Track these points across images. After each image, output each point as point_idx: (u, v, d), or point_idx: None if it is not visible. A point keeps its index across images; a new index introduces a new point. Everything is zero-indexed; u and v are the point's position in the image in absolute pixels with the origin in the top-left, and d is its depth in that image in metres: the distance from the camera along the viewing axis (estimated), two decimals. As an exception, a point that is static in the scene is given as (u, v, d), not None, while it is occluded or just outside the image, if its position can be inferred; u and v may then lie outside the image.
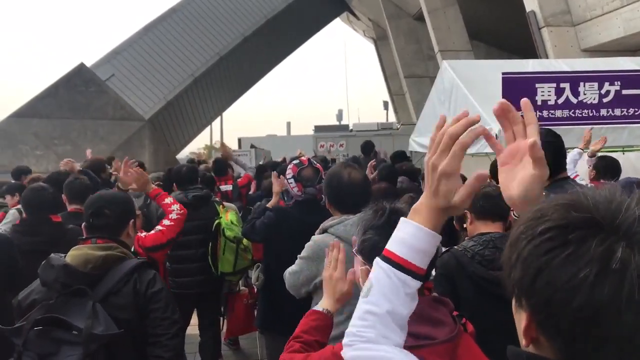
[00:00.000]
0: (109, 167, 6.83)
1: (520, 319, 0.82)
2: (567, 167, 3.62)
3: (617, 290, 0.69)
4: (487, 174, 1.06)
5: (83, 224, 2.40)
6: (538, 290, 0.75)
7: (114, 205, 2.36)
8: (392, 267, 1.08)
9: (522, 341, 0.81)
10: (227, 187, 6.99)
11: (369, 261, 1.54)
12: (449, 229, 2.91)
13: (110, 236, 2.31)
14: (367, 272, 1.56)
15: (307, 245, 2.77)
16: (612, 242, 0.71)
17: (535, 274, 0.75)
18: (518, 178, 1.07)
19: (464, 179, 1.11)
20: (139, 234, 3.09)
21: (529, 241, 0.78)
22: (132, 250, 2.90)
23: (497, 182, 3.42)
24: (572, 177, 3.70)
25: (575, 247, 0.72)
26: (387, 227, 1.54)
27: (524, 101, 1.09)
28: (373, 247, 1.52)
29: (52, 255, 2.21)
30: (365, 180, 2.93)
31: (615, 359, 0.71)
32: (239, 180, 7.28)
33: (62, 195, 4.47)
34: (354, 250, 1.64)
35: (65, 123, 16.42)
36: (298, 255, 2.78)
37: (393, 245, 1.10)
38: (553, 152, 2.75)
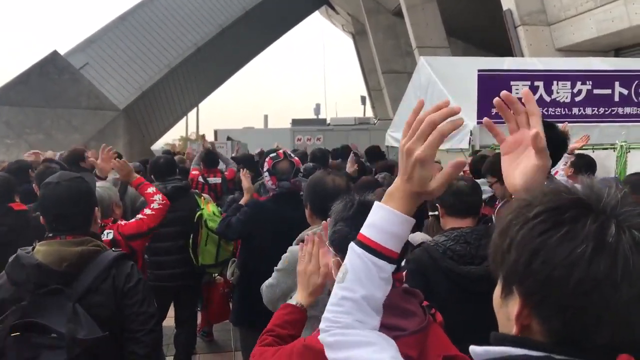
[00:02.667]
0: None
1: (509, 309, 0.83)
2: None
3: (612, 264, 0.72)
4: (464, 161, 1.08)
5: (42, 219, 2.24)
6: (535, 270, 0.76)
7: (75, 205, 2.17)
8: (366, 251, 1.08)
9: (512, 329, 0.81)
10: (216, 180, 6.92)
11: (340, 252, 1.56)
12: (419, 213, 2.91)
13: (80, 231, 2.18)
14: (339, 264, 1.58)
15: (283, 256, 2.62)
16: (604, 219, 0.74)
17: (531, 255, 0.76)
18: (521, 167, 1.09)
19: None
20: (119, 222, 3.04)
21: (521, 226, 0.79)
22: (112, 238, 2.87)
23: (477, 177, 3.49)
24: (552, 173, 3.78)
25: (570, 227, 0.75)
26: (356, 219, 1.57)
27: (525, 91, 1.10)
28: (343, 238, 1.54)
29: (20, 252, 2.09)
30: (349, 187, 2.83)
31: (610, 331, 0.73)
32: (226, 173, 7.22)
33: (34, 185, 4.40)
34: (326, 242, 1.66)
35: (37, 112, 16.09)
36: (275, 268, 2.66)
37: (367, 229, 1.10)
38: (554, 147, 2.87)
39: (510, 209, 0.84)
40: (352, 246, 1.11)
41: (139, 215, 3.09)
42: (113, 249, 2.36)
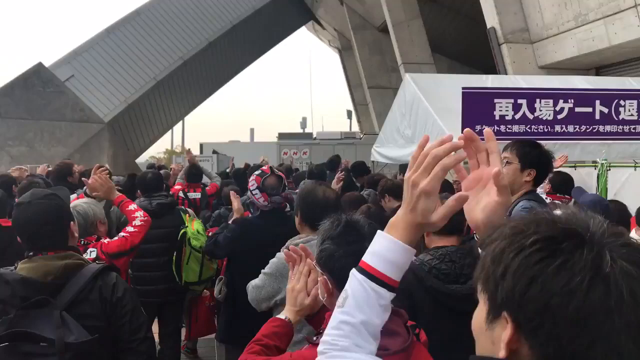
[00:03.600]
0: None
1: (494, 334, 0.85)
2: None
3: (607, 293, 0.75)
4: (467, 196, 1.10)
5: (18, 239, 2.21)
6: (532, 298, 0.78)
7: (47, 224, 2.14)
8: (368, 278, 1.11)
9: (497, 353, 0.83)
10: (195, 195, 6.90)
11: (326, 270, 1.58)
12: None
13: (59, 248, 2.17)
14: (325, 282, 1.59)
15: (271, 261, 2.76)
16: (599, 250, 0.78)
17: (528, 283, 0.78)
18: (482, 203, 1.13)
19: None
20: (102, 240, 3.02)
21: (517, 253, 0.81)
22: (95, 256, 2.86)
23: None
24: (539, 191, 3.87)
25: (567, 256, 0.78)
26: (342, 237, 1.60)
27: (487, 131, 1.14)
28: (329, 256, 1.58)
29: (2, 270, 2.08)
30: (338, 199, 2.95)
31: (603, 357, 0.76)
32: (207, 188, 7.20)
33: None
34: (314, 262, 1.68)
35: (20, 124, 15.94)
36: (262, 270, 2.77)
37: (369, 257, 1.13)
38: (540, 165, 2.99)
39: (501, 235, 0.86)
40: (354, 272, 1.14)
41: (122, 233, 3.08)
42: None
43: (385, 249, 1.11)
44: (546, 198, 4.37)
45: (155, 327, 4.86)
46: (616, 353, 0.76)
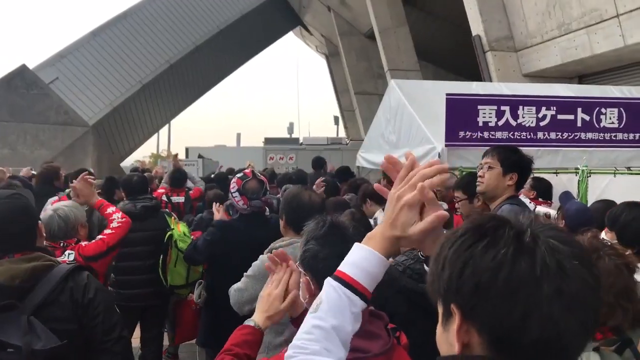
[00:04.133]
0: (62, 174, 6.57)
1: (450, 334, 0.89)
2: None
3: (532, 263, 0.81)
4: (447, 215, 1.15)
5: None
6: (466, 280, 0.84)
7: (12, 224, 2.11)
8: (342, 285, 1.14)
9: (455, 348, 0.87)
10: (179, 199, 6.87)
11: (309, 270, 1.58)
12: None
13: (26, 248, 2.13)
14: (308, 283, 1.59)
15: (254, 264, 2.77)
16: (520, 228, 0.86)
17: (462, 267, 0.85)
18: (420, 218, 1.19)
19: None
20: (80, 243, 2.99)
21: (451, 245, 0.89)
22: (73, 259, 2.82)
23: (465, 194, 3.58)
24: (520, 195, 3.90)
25: (492, 236, 0.85)
26: (326, 238, 1.60)
27: (407, 152, 1.25)
28: (313, 256, 1.57)
29: None
30: (323, 204, 2.97)
31: (538, 326, 0.80)
32: (190, 192, 7.17)
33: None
34: (297, 263, 1.68)
35: (3, 126, 15.74)
36: (245, 273, 2.77)
37: (344, 266, 1.17)
38: (520, 170, 3.02)
39: (441, 238, 0.94)
40: (329, 280, 1.17)
41: (99, 236, 3.05)
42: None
43: (362, 259, 1.16)
44: (530, 203, 4.41)
45: (137, 333, 4.82)
46: (551, 321, 0.80)
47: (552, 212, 3.98)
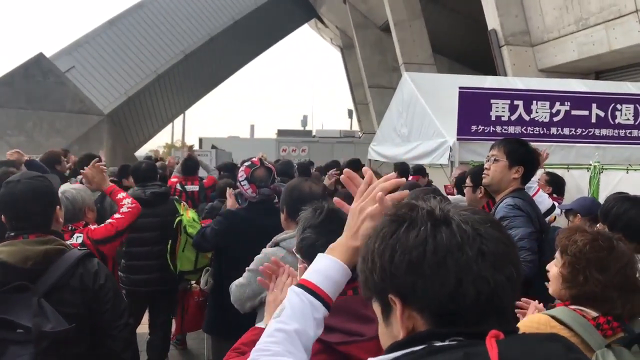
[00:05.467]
0: (65, 159, 6.67)
1: (393, 328, 0.92)
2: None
3: (451, 232, 0.87)
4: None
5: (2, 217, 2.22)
6: (398, 263, 0.88)
7: (33, 203, 2.16)
8: (306, 291, 1.20)
9: (400, 335, 0.90)
10: (193, 188, 6.89)
11: (306, 259, 1.58)
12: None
13: (41, 230, 2.17)
14: (304, 271, 1.60)
15: (256, 257, 2.67)
16: (430, 207, 0.92)
17: (390, 254, 0.89)
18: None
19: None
20: (89, 226, 3.02)
21: (374, 241, 0.93)
22: (81, 242, 2.86)
23: (471, 183, 3.53)
24: (534, 190, 3.86)
25: (409, 220, 0.91)
26: (324, 226, 1.59)
27: (365, 169, 1.36)
28: (310, 244, 1.57)
29: None
30: (324, 194, 2.88)
31: (473, 287, 0.84)
32: (204, 181, 7.20)
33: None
34: (293, 250, 1.67)
35: (20, 113, 15.92)
36: (246, 268, 2.70)
37: (308, 274, 1.23)
38: (527, 163, 3.01)
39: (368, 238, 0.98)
40: (293, 288, 1.23)
41: (109, 220, 3.08)
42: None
43: (325, 267, 1.23)
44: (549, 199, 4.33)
45: (145, 319, 4.87)
46: (482, 279, 0.85)
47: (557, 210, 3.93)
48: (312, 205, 1.68)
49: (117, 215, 3.09)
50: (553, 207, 3.80)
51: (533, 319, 1.80)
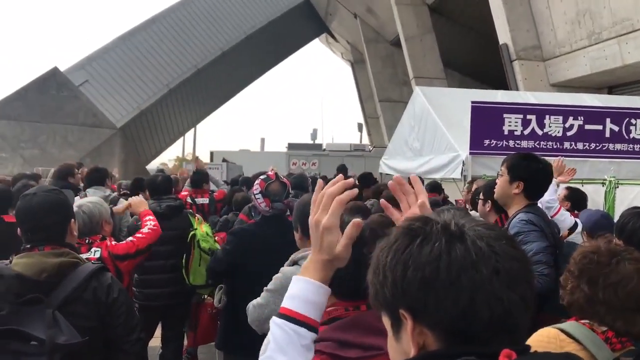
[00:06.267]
0: (78, 172, 6.73)
1: (403, 343, 0.90)
2: (550, 198, 3.77)
3: (466, 249, 0.84)
4: (361, 222, 1.19)
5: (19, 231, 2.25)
6: (410, 279, 0.85)
7: (49, 215, 2.18)
8: (287, 321, 1.17)
9: (412, 352, 0.87)
10: (203, 200, 6.92)
11: None
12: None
13: (56, 242, 2.19)
14: None
15: (275, 277, 2.59)
16: (445, 222, 0.89)
17: (403, 269, 0.86)
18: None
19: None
20: (107, 240, 3.04)
21: (386, 254, 0.90)
22: (99, 256, 2.87)
23: (483, 196, 3.45)
24: (555, 209, 3.82)
25: (423, 234, 0.88)
26: None
27: (413, 176, 1.33)
28: None
29: None
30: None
31: (487, 307, 0.82)
32: (215, 194, 7.23)
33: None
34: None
35: (34, 127, 16.13)
36: (265, 288, 2.62)
37: (286, 302, 1.20)
38: (543, 178, 2.97)
39: (375, 252, 0.95)
40: (274, 319, 1.20)
41: (130, 237, 3.10)
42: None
43: (300, 290, 1.19)
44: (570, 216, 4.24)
45: (158, 332, 4.86)
46: (496, 299, 0.83)
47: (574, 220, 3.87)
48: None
49: (139, 235, 3.10)
50: (576, 225, 3.75)
51: (543, 332, 1.80)
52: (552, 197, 3.91)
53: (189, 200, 6.78)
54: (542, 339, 1.73)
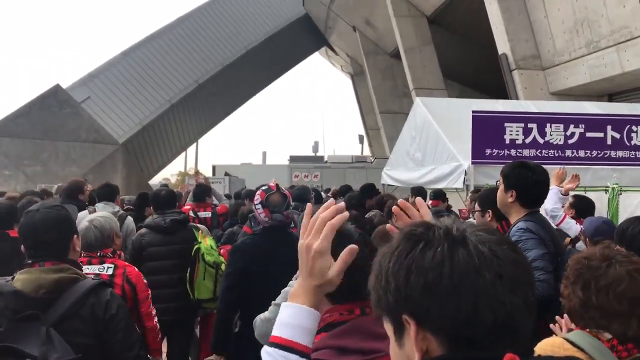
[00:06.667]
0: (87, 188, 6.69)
1: (406, 349, 0.90)
2: (554, 207, 3.75)
3: (469, 254, 0.85)
4: (356, 248, 1.19)
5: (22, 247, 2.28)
6: (413, 285, 0.86)
7: (50, 231, 2.21)
8: (277, 348, 1.16)
9: (415, 357, 0.88)
10: (206, 214, 6.93)
11: None
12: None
13: (58, 258, 2.20)
14: None
15: (283, 291, 2.52)
16: (447, 227, 0.90)
17: (406, 274, 0.87)
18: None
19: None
20: (119, 257, 3.10)
21: (389, 258, 0.90)
22: (112, 273, 2.91)
23: (479, 207, 3.46)
24: (560, 218, 3.80)
25: (425, 239, 0.88)
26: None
27: (419, 200, 1.36)
28: None
29: None
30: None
31: (490, 311, 0.82)
32: (217, 208, 7.25)
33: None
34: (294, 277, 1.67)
35: (36, 144, 16.19)
36: (273, 302, 2.55)
37: (275, 330, 1.19)
38: (534, 185, 2.96)
39: (377, 258, 0.95)
40: (265, 348, 1.18)
41: (149, 295, 3.18)
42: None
43: (290, 317, 1.18)
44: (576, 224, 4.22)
45: (164, 348, 4.84)
46: (499, 303, 0.83)
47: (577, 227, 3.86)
48: None
49: (145, 311, 3.19)
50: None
51: (548, 342, 1.80)
52: (555, 206, 3.90)
53: (191, 214, 6.79)
54: (547, 347, 1.73)
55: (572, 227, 3.73)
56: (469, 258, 0.84)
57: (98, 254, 2.95)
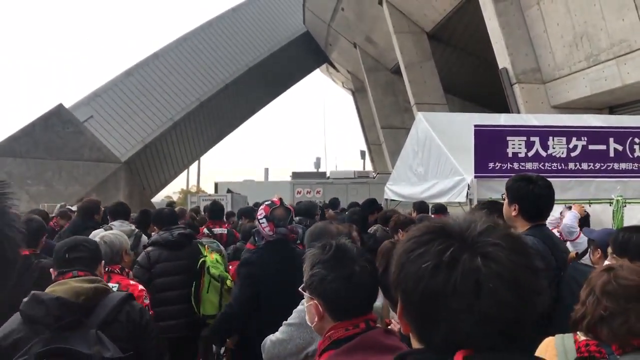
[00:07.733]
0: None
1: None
2: (572, 224, 3.70)
3: (447, 280, 0.87)
4: None
5: (53, 259, 2.47)
6: (401, 280, 0.93)
7: (87, 243, 2.51)
8: None
9: (400, 326, 0.99)
10: (221, 231, 6.95)
11: (316, 294, 1.59)
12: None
13: (89, 269, 2.39)
14: (316, 306, 1.60)
15: (295, 310, 2.46)
16: (450, 244, 0.90)
17: (399, 268, 0.94)
18: None
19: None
20: (124, 275, 3.15)
21: (401, 248, 0.97)
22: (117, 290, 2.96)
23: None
24: (576, 234, 3.78)
25: (425, 247, 0.92)
26: (333, 261, 1.61)
27: None
28: (321, 280, 1.60)
29: (35, 292, 2.14)
30: (350, 236, 2.82)
31: (445, 332, 0.87)
32: (225, 225, 7.32)
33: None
34: (300, 288, 1.68)
35: (39, 163, 16.26)
36: (285, 322, 2.48)
37: None
38: (536, 199, 2.93)
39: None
40: None
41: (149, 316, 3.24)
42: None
43: None
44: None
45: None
46: (458, 332, 0.86)
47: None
48: (320, 243, 1.71)
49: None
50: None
51: (544, 341, 1.88)
52: (573, 223, 3.90)
53: (206, 231, 6.81)
54: (542, 346, 1.83)
55: (584, 242, 3.75)
56: (445, 285, 0.87)
57: (106, 269, 3.00)
